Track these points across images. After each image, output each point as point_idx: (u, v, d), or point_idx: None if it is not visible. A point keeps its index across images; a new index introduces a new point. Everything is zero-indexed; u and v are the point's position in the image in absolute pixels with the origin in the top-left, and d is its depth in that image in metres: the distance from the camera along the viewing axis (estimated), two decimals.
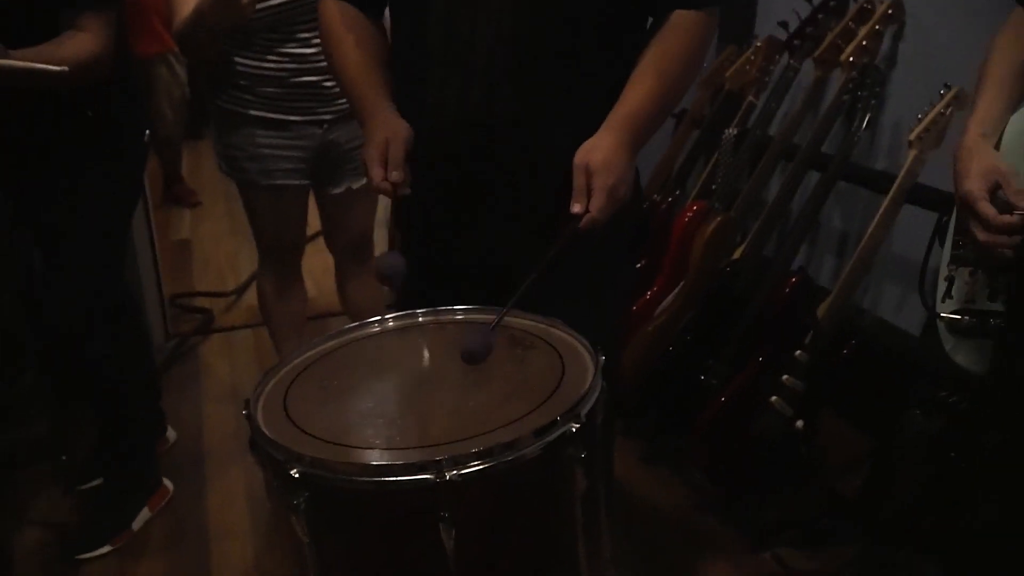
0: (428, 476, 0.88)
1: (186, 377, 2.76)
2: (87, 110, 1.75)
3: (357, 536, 0.96)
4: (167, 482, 2.14)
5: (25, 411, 2.29)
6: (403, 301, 1.38)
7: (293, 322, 2.27)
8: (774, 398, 1.89)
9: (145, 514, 2.04)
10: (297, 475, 0.92)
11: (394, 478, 0.89)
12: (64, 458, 2.23)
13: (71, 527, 2.01)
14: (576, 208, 1.12)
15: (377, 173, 1.17)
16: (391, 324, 1.24)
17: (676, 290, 2.23)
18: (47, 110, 1.71)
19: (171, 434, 2.38)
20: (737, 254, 2.14)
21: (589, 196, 1.11)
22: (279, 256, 2.19)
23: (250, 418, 1.02)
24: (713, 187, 2.32)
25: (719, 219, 2.19)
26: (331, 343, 1.21)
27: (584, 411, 0.98)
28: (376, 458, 0.92)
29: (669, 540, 1.94)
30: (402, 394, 1.08)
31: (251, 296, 3.34)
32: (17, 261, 1.98)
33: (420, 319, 1.25)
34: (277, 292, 2.23)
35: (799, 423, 1.87)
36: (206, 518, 2.07)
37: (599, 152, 1.13)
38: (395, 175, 1.17)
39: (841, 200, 2.34)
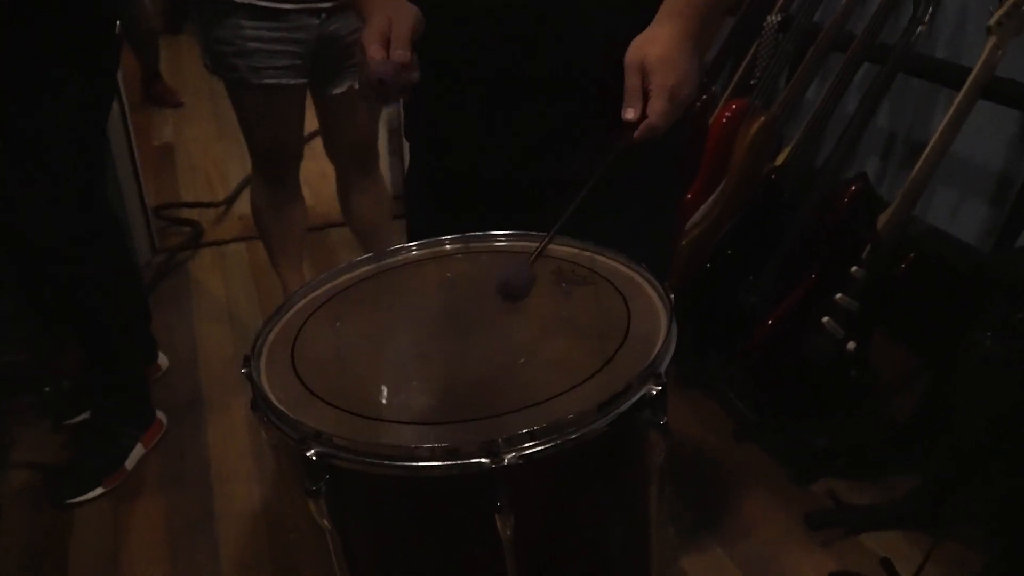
0: (482, 460, 0.71)
1: (176, 296, 2.61)
2: None
3: (392, 527, 0.80)
4: (161, 415, 2.01)
5: (3, 337, 2.13)
6: (418, 228, 1.20)
7: (292, 236, 2.11)
8: (826, 319, 1.75)
9: (139, 451, 1.92)
10: (315, 457, 0.74)
11: (439, 463, 0.72)
12: (47, 389, 2.10)
13: (59, 467, 1.88)
14: (630, 114, 0.93)
15: (376, 51, 0.94)
16: (415, 253, 1.06)
17: (712, 198, 2.06)
18: None
19: (163, 360, 2.24)
20: (780, 159, 1.97)
21: (645, 99, 0.93)
22: (274, 165, 2.00)
23: (251, 379, 0.84)
24: (752, 82, 2.12)
25: (762, 118, 2.00)
26: (344, 277, 1.03)
27: (663, 367, 0.81)
28: (416, 437, 0.75)
29: (709, 474, 1.83)
30: (437, 347, 0.90)
31: (243, 205, 3.17)
32: None
33: (448, 247, 1.07)
34: (273, 205, 2.06)
35: (851, 345, 1.73)
36: (206, 454, 1.95)
37: (656, 46, 0.94)
38: (399, 52, 0.94)
39: (896, 97, 2.12)
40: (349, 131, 2.01)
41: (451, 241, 1.07)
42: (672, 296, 0.91)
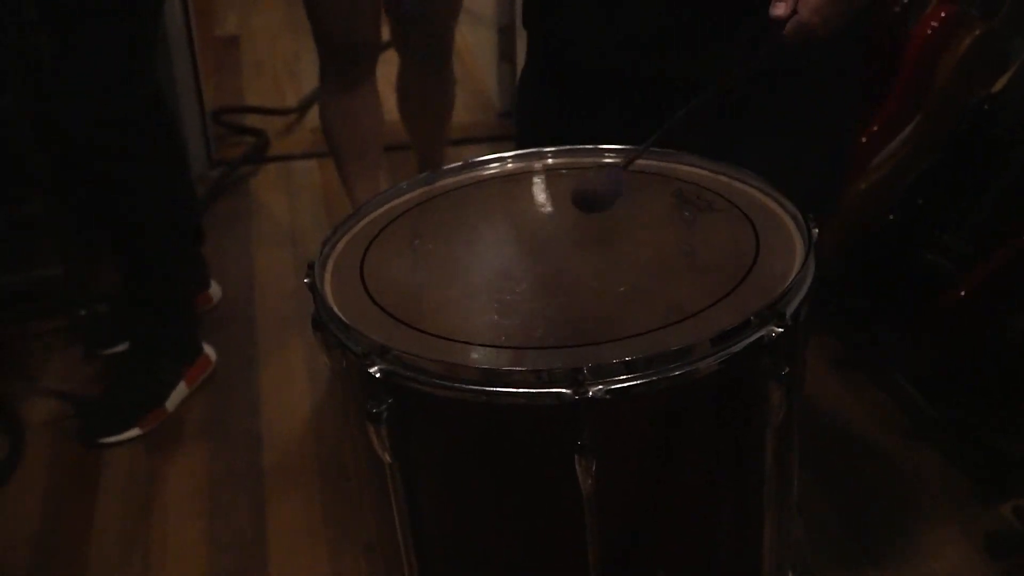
0: (563, 390, 0.81)
1: (234, 217, 2.78)
2: None
3: (458, 462, 0.91)
4: (209, 350, 2.17)
5: (33, 249, 2.33)
6: (530, 134, 1.29)
7: (367, 150, 2.24)
8: None
9: (182, 390, 2.08)
10: (379, 375, 0.85)
11: (515, 389, 0.81)
12: (83, 312, 2.28)
13: (91, 401, 2.07)
14: (778, 9, 0.99)
15: None
16: (511, 166, 1.16)
17: (906, 131, 2.06)
18: None
19: (215, 290, 2.40)
20: (999, 85, 1.95)
21: None
22: (345, 60, 2.13)
23: (314, 289, 0.96)
24: None
25: (979, 31, 1.99)
26: (425, 188, 1.13)
27: (790, 309, 0.88)
28: (490, 359, 0.85)
29: (869, 478, 1.85)
30: (526, 269, 0.99)
31: (316, 115, 3.26)
32: (22, 53, 1.96)
33: (551, 160, 1.16)
34: (345, 110, 2.19)
35: None
36: (258, 400, 2.10)
37: None
38: None
39: None
40: (423, 20, 2.14)
41: (554, 154, 1.15)
42: (815, 230, 0.97)
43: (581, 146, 1.15)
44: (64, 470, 1.95)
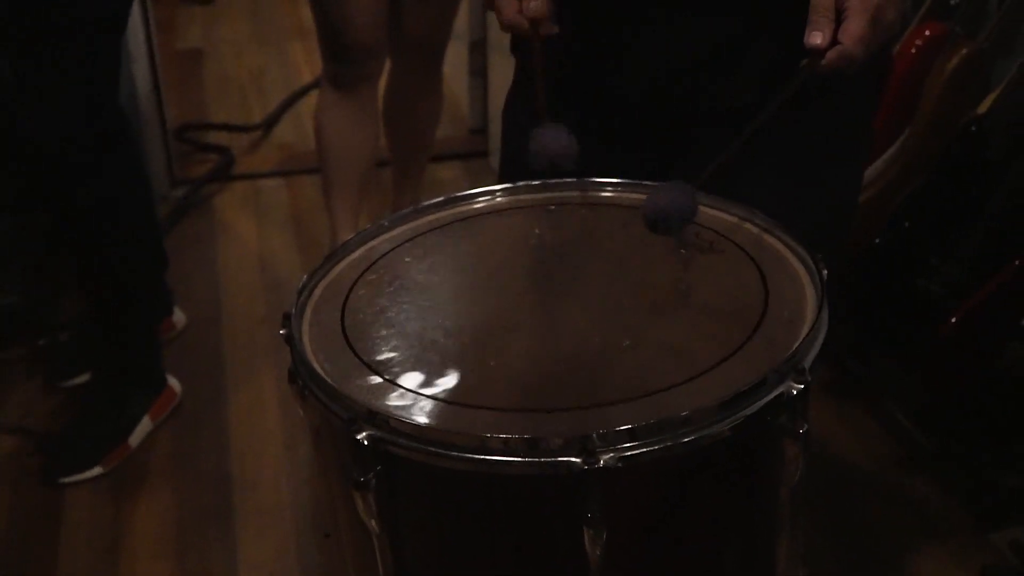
0: (573, 459, 0.75)
1: (198, 239, 2.72)
2: None
3: (453, 532, 0.84)
4: (173, 381, 2.11)
5: None
6: (516, 167, 1.24)
7: (357, 164, 2.22)
8: None
9: (146, 424, 2.02)
10: (367, 441, 0.79)
11: (520, 458, 0.75)
12: (43, 342, 2.23)
13: (52, 437, 2.00)
14: (816, 39, 0.94)
15: (509, 4, 1.02)
16: (500, 200, 1.10)
17: (892, 151, 2.04)
18: None
19: (179, 316, 2.34)
20: (985, 106, 1.92)
21: (838, 22, 0.94)
22: (346, 63, 2.11)
23: (292, 343, 0.89)
24: (952, 3, 2.08)
25: (965, 50, 1.96)
26: (410, 224, 1.07)
27: (808, 363, 0.83)
28: (492, 425, 0.79)
29: (864, 511, 1.83)
30: (522, 318, 0.94)
31: (283, 131, 3.27)
32: None
33: (543, 194, 1.10)
34: (341, 119, 2.16)
35: None
36: (226, 433, 2.05)
37: None
38: (533, 5, 1.02)
39: None
40: (418, 23, 2.12)
41: (546, 188, 1.10)
42: (824, 272, 0.92)
43: (572, 179, 1.09)
44: (25, 510, 1.89)
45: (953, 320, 1.80)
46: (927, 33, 2.02)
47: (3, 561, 1.78)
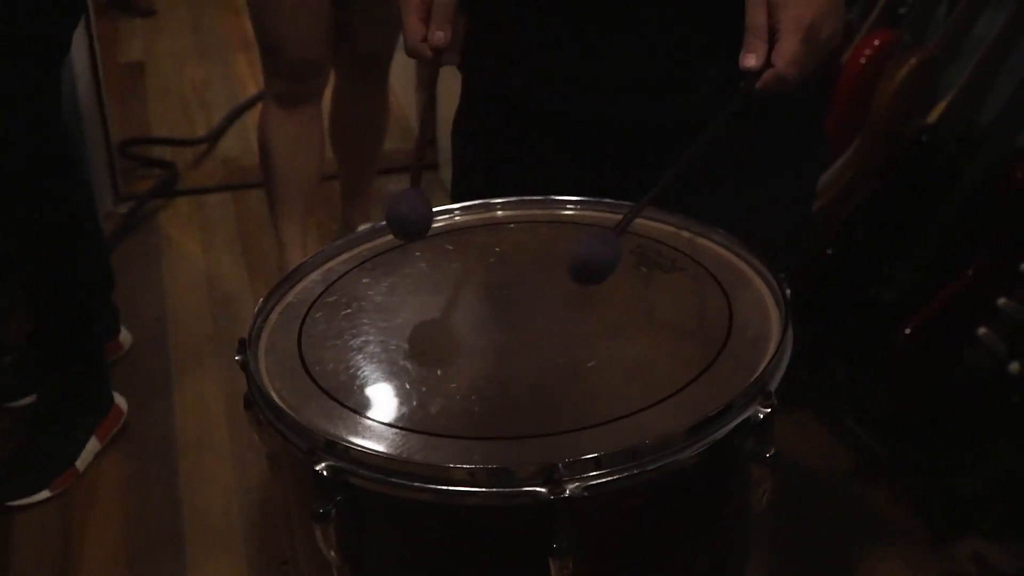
0: (538, 489, 0.73)
1: (143, 256, 2.69)
2: None
3: (415, 563, 0.83)
4: (120, 400, 2.10)
5: None
6: (466, 185, 1.23)
7: (302, 178, 2.20)
8: (983, 329, 1.76)
9: (93, 445, 2.01)
10: (326, 472, 0.77)
11: (482, 488, 0.74)
12: None
13: None
14: (750, 61, 0.94)
15: (415, 29, 1.04)
16: (458, 219, 1.08)
17: (842, 160, 2.06)
18: None
19: (125, 336, 2.32)
20: (935, 115, 1.96)
21: (773, 41, 0.93)
22: (288, 76, 2.09)
23: (247, 370, 0.87)
24: (901, 11, 2.11)
25: (914, 59, 1.99)
26: (366, 245, 1.05)
27: (774, 386, 0.83)
28: (454, 454, 0.77)
29: (819, 521, 1.83)
30: (483, 341, 0.93)
31: (228, 145, 3.24)
32: None
33: (501, 212, 1.09)
34: (287, 131, 2.14)
35: (1015, 366, 1.73)
36: (174, 455, 2.03)
37: None
38: (437, 35, 1.03)
39: None
40: (367, 39, 2.14)
41: (504, 206, 1.08)
42: (788, 292, 0.92)
43: (531, 197, 1.09)
44: None
45: (908, 330, 1.82)
46: (876, 41, 2.04)
47: None
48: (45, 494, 1.91)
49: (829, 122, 2.08)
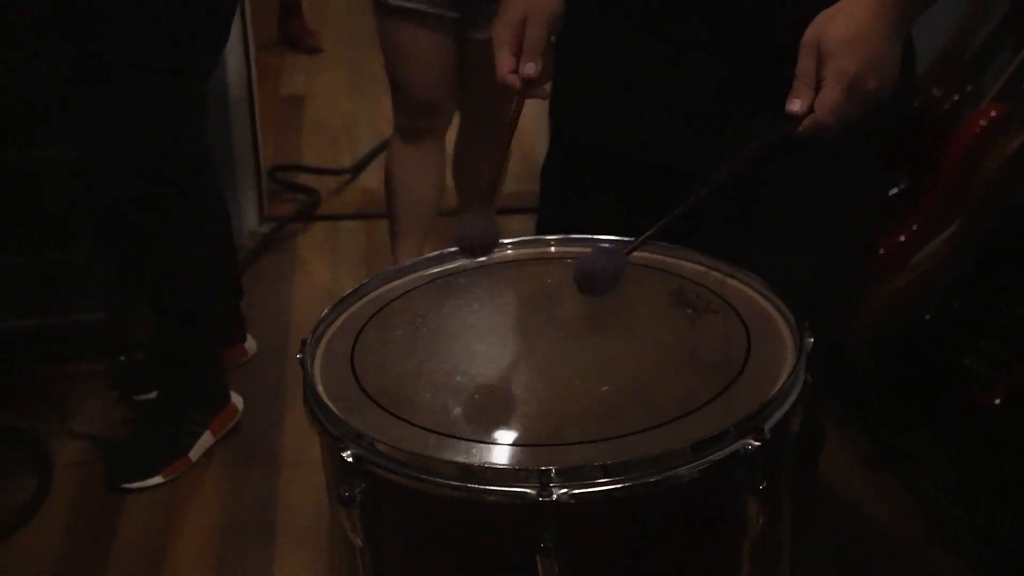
0: (527, 490, 0.80)
1: (277, 274, 2.82)
2: None
3: (425, 551, 0.90)
4: (236, 399, 2.18)
5: (77, 293, 2.38)
6: (548, 221, 1.30)
7: (418, 210, 2.31)
8: None
9: (207, 439, 2.10)
10: (351, 459, 0.86)
11: (481, 486, 0.81)
12: (123, 359, 2.33)
13: (119, 445, 2.11)
14: (795, 106, 0.99)
15: (505, 62, 1.13)
16: (510, 252, 1.17)
17: (947, 232, 2.03)
18: None
19: (250, 343, 2.43)
20: None
21: (818, 88, 0.98)
22: (414, 116, 2.23)
23: (304, 366, 0.97)
24: None
25: None
26: (430, 271, 1.15)
27: (769, 424, 0.87)
28: (464, 454, 0.85)
29: None
30: (515, 362, 1.00)
31: (369, 177, 3.35)
32: (65, 104, 1.96)
33: (553, 248, 1.17)
34: (406, 167, 2.27)
35: None
36: (277, 455, 2.12)
37: (840, 24, 0.99)
38: (528, 67, 1.13)
39: None
40: (487, 81, 2.20)
41: (556, 243, 1.16)
42: (809, 340, 0.95)
43: (581, 235, 1.15)
44: (85, 513, 1.98)
45: (997, 400, 1.79)
46: (992, 114, 2.02)
47: (59, 560, 1.87)
48: (157, 479, 2.02)
49: (937, 189, 2.08)
